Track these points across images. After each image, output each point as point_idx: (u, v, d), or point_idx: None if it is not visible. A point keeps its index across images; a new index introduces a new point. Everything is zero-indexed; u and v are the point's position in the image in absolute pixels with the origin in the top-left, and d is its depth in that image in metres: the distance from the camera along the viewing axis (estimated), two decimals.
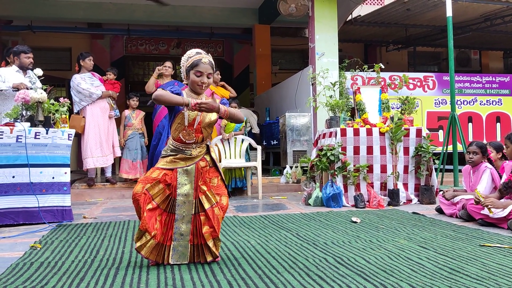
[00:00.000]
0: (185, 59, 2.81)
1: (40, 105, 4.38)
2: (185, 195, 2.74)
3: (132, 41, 12.52)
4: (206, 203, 2.76)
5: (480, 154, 4.35)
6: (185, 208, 2.74)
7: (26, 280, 2.45)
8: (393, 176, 5.36)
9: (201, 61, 2.72)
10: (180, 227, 2.73)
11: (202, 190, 2.77)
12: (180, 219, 2.74)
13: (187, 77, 2.79)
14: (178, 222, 2.74)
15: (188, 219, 2.74)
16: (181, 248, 2.73)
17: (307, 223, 4.16)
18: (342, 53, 10.10)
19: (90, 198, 6.24)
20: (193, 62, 2.73)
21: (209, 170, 2.83)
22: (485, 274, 2.42)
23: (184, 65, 2.81)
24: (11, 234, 3.82)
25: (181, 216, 2.74)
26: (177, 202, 2.73)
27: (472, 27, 10.23)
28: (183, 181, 2.74)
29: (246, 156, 6.46)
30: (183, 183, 2.74)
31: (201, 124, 2.76)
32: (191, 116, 2.73)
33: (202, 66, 2.72)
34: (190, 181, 2.75)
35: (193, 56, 2.76)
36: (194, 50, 2.81)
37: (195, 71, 2.73)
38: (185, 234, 2.73)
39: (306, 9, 7.39)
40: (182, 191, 2.74)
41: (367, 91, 5.85)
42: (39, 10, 9.60)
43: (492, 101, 8.64)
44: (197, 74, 2.73)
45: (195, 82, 2.74)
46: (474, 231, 3.65)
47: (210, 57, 2.80)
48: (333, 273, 2.48)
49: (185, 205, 2.74)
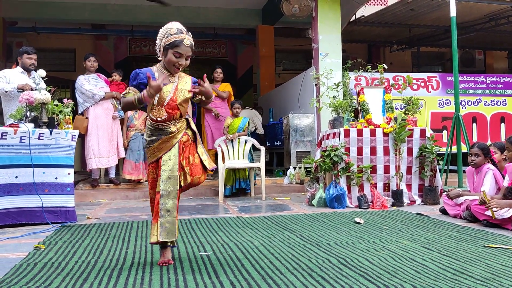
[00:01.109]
0: (164, 33, 2.70)
1: (44, 106, 4.40)
2: (170, 170, 2.70)
3: (136, 42, 12.56)
4: (182, 180, 2.76)
5: (482, 156, 4.32)
6: (170, 184, 2.69)
7: (29, 280, 2.46)
8: (396, 177, 5.34)
9: (182, 42, 2.63)
10: (166, 203, 2.68)
11: (181, 166, 2.76)
12: (166, 195, 2.69)
13: (163, 54, 2.71)
14: (164, 198, 2.68)
15: (174, 195, 2.69)
16: (168, 224, 2.68)
17: (311, 224, 4.16)
18: (346, 53, 10.09)
19: (93, 199, 6.26)
20: (174, 42, 2.63)
21: (190, 145, 2.81)
22: (489, 275, 2.41)
23: (161, 39, 2.71)
24: (15, 234, 3.83)
25: (166, 192, 2.69)
26: (161, 179, 2.69)
27: (476, 27, 10.20)
28: (166, 158, 2.72)
29: (250, 156, 6.46)
30: (167, 159, 2.72)
31: (176, 101, 2.74)
32: (163, 94, 2.70)
33: (183, 48, 2.65)
34: (174, 157, 2.73)
35: (175, 34, 2.65)
36: (175, 26, 2.70)
37: (174, 51, 2.65)
38: (172, 210, 2.68)
39: (309, 9, 7.39)
40: (167, 167, 2.70)
41: (370, 92, 5.84)
42: (43, 12, 9.65)
43: (496, 101, 8.60)
44: (176, 55, 2.66)
45: (172, 62, 2.68)
46: (478, 232, 3.63)
47: (191, 37, 2.70)
48: (336, 274, 2.48)
49: (170, 180, 2.69)
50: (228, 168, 6.18)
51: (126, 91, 2.73)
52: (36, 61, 5.25)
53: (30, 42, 10.81)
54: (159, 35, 2.74)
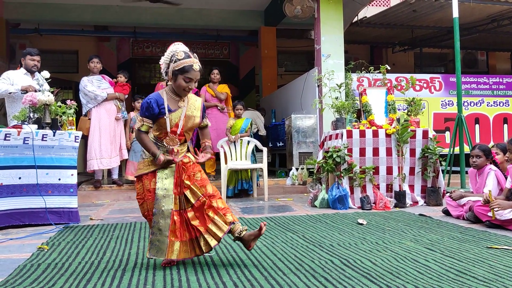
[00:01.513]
0: (170, 57, 2.71)
1: (47, 108, 4.41)
2: (165, 189, 2.69)
3: (139, 43, 12.60)
4: (191, 197, 2.74)
5: (484, 157, 4.32)
6: (164, 203, 2.68)
7: (33, 281, 2.47)
8: (399, 178, 5.34)
9: (192, 67, 2.66)
10: (158, 221, 2.67)
11: (186, 185, 2.74)
12: (158, 213, 2.67)
13: (172, 78, 2.72)
14: (156, 216, 2.67)
15: (167, 214, 2.67)
16: (158, 243, 2.66)
17: (313, 225, 4.16)
18: (348, 54, 10.08)
19: (96, 200, 6.27)
20: (184, 67, 2.65)
21: (192, 165, 2.81)
22: (492, 276, 2.41)
23: (167, 63, 2.72)
24: (18, 235, 3.84)
25: (159, 211, 2.67)
26: (156, 196, 2.68)
27: (479, 28, 10.18)
28: (163, 175, 2.72)
29: (252, 157, 6.47)
30: (163, 177, 2.71)
31: (184, 128, 2.76)
32: (173, 121, 2.72)
33: (193, 73, 2.67)
34: (170, 176, 2.73)
35: (183, 59, 2.67)
36: (180, 49, 2.71)
37: (184, 76, 2.67)
38: (163, 230, 2.66)
39: (311, 11, 7.39)
40: (161, 185, 2.70)
41: (373, 93, 5.84)
42: (46, 13, 9.68)
43: (499, 102, 8.58)
44: (186, 80, 2.68)
45: (182, 87, 2.69)
46: (481, 233, 3.63)
47: (197, 59, 2.72)
48: (339, 275, 2.48)
49: (164, 199, 2.68)
50: (231, 169, 6.19)
51: (140, 123, 2.71)
52: (39, 63, 5.26)
53: (33, 44, 10.85)
54: (165, 58, 2.74)
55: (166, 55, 2.74)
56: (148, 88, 12.54)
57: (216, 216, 2.72)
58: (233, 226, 2.74)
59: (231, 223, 2.72)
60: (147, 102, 2.70)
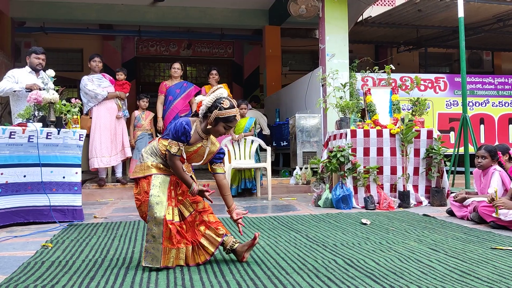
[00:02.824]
0: (214, 101, 2.71)
1: (52, 106, 4.43)
2: (158, 196, 2.68)
3: (143, 42, 12.61)
4: (185, 211, 2.80)
5: (489, 158, 4.30)
6: (157, 210, 2.65)
7: (37, 279, 2.48)
8: (403, 178, 5.33)
9: (235, 118, 2.74)
10: (152, 228, 2.65)
11: (179, 200, 2.80)
12: (151, 220, 2.65)
13: (212, 123, 2.72)
14: (150, 223, 2.66)
15: (159, 221, 2.64)
16: (153, 251, 2.64)
17: (317, 224, 4.15)
18: (353, 54, 10.06)
19: (100, 198, 6.29)
20: (229, 118, 2.71)
21: None
22: (496, 277, 2.40)
23: (209, 107, 2.72)
24: (23, 233, 3.86)
25: (152, 218, 2.65)
26: (149, 203, 2.67)
27: (484, 28, 10.13)
28: (156, 182, 2.72)
29: (256, 157, 6.47)
30: (157, 185, 2.72)
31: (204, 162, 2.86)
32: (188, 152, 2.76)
33: (234, 123, 2.78)
34: (164, 185, 2.74)
35: (228, 109, 2.69)
36: (224, 97, 2.73)
37: (226, 125, 2.74)
38: (157, 237, 2.64)
39: (316, 10, 7.38)
40: (155, 192, 2.69)
41: (377, 92, 5.82)
42: (51, 12, 9.72)
43: (504, 102, 8.55)
44: (227, 128, 2.76)
45: (221, 133, 2.77)
46: (486, 233, 3.61)
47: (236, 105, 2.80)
48: (342, 275, 2.48)
49: (157, 206, 2.66)
50: (234, 168, 6.19)
51: (176, 148, 2.69)
52: (44, 61, 5.27)
53: (38, 42, 10.89)
54: (207, 101, 2.72)
55: (209, 98, 2.73)
56: (152, 86, 12.57)
57: (207, 230, 2.79)
58: (225, 239, 2.80)
59: (223, 235, 2.78)
60: (184, 128, 2.69)
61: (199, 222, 2.81)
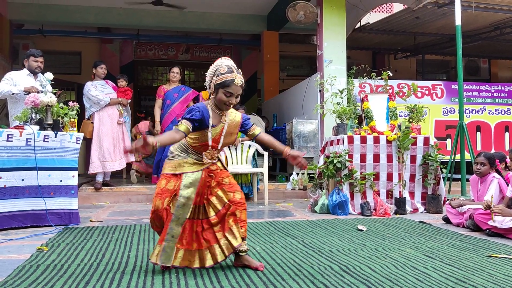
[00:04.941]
0: (214, 71, 2.70)
1: (50, 109, 4.42)
2: (187, 198, 2.68)
3: (142, 46, 12.61)
4: (217, 204, 2.74)
5: (488, 165, 4.31)
6: (182, 210, 2.68)
7: (32, 282, 2.47)
8: (399, 185, 5.34)
9: (233, 82, 2.64)
10: (173, 228, 2.66)
11: (213, 192, 2.75)
12: (175, 220, 2.67)
13: (214, 92, 2.70)
14: (173, 223, 2.67)
15: (181, 222, 2.67)
16: (169, 250, 2.66)
17: (313, 230, 4.15)
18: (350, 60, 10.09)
19: (96, 201, 6.27)
20: (225, 81, 2.64)
21: (220, 171, 2.83)
22: (492, 285, 2.41)
23: (212, 77, 2.70)
24: (18, 236, 3.84)
25: (176, 218, 2.67)
26: (177, 203, 2.67)
27: (482, 36, 10.19)
28: (187, 183, 2.70)
29: (253, 162, 6.47)
30: (187, 186, 2.70)
31: (223, 144, 2.80)
32: (214, 136, 2.72)
33: (234, 88, 2.64)
34: (194, 185, 2.72)
35: (225, 73, 2.65)
36: (225, 64, 2.69)
37: (225, 90, 2.64)
38: (175, 236, 2.66)
39: (314, 16, 7.41)
40: (184, 193, 2.68)
41: (374, 99, 5.85)
42: (50, 14, 9.73)
43: (501, 110, 8.58)
44: (227, 94, 2.65)
45: (223, 101, 2.67)
46: (481, 241, 3.62)
47: (241, 75, 2.70)
48: (338, 281, 2.48)
49: (184, 207, 2.68)
50: (231, 173, 6.17)
51: (181, 124, 2.65)
52: (43, 64, 5.28)
53: (36, 45, 10.87)
54: (209, 72, 2.73)
55: (211, 68, 2.74)
56: (150, 90, 12.58)
57: (234, 226, 2.73)
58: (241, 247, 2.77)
59: (243, 239, 2.74)
60: (193, 108, 2.69)
61: (230, 212, 2.74)
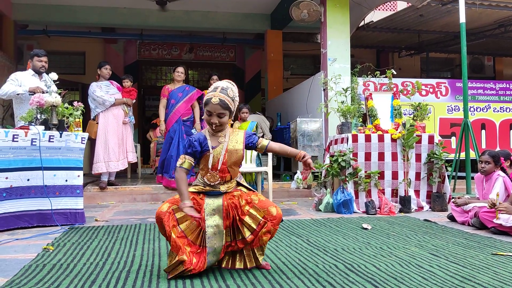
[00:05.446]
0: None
1: (55, 109, 4.44)
2: (216, 226, 2.60)
3: (145, 45, 12.64)
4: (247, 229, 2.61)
5: (493, 163, 4.29)
6: (216, 240, 2.60)
7: (38, 281, 2.48)
8: (404, 183, 5.33)
9: (211, 100, 2.56)
10: (211, 260, 2.60)
11: (245, 211, 2.62)
12: (211, 252, 2.60)
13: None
14: (210, 255, 2.60)
15: (219, 251, 2.61)
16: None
17: (318, 229, 4.15)
18: (354, 58, 10.09)
19: (102, 201, 6.30)
20: (206, 101, 2.59)
21: (244, 193, 2.70)
22: (497, 283, 2.40)
23: None
24: (24, 236, 3.86)
25: (212, 249, 2.60)
26: (207, 235, 2.59)
27: (486, 33, 10.16)
28: (210, 211, 2.62)
29: (257, 161, 6.47)
30: (211, 213, 2.61)
31: (226, 164, 2.64)
32: (215, 157, 2.62)
33: (211, 106, 2.56)
34: (218, 211, 2.63)
35: (209, 92, 2.61)
36: (217, 84, 2.66)
37: (206, 110, 2.60)
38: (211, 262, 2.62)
39: (318, 14, 7.40)
40: (211, 222, 2.60)
41: (379, 97, 5.84)
42: (54, 15, 9.77)
43: (506, 108, 8.55)
44: (208, 113, 2.59)
45: (207, 121, 2.63)
46: (486, 239, 3.61)
47: (227, 92, 2.60)
48: (343, 280, 2.48)
49: (216, 236, 2.60)
50: None
51: (182, 160, 2.63)
52: (47, 64, 5.30)
53: (41, 45, 10.92)
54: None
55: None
56: (154, 90, 12.61)
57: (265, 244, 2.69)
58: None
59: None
60: (189, 140, 2.65)
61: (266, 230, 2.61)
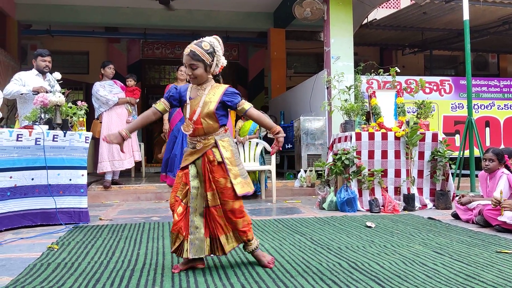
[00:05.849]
0: None
1: (58, 108, 4.46)
2: (196, 188, 2.70)
3: (149, 45, 12.65)
4: (211, 200, 2.70)
5: (497, 161, 4.28)
6: (198, 201, 2.69)
7: (43, 280, 2.49)
8: (408, 181, 5.32)
9: (184, 53, 2.71)
10: (194, 220, 2.67)
11: (211, 187, 2.70)
12: (193, 212, 2.68)
13: None
14: (192, 215, 2.68)
15: (200, 212, 2.69)
16: (197, 241, 2.65)
17: (321, 227, 4.15)
18: (358, 56, 10.05)
19: (106, 200, 6.31)
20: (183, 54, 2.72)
21: (216, 168, 2.69)
22: (501, 281, 2.40)
23: None
24: (29, 235, 3.88)
25: (194, 209, 2.68)
26: (191, 195, 2.69)
27: (490, 31, 10.11)
28: (193, 173, 2.72)
29: (261, 159, 6.48)
30: (194, 176, 2.72)
31: (201, 115, 2.68)
32: (192, 108, 2.71)
33: (184, 58, 2.70)
34: (198, 174, 2.73)
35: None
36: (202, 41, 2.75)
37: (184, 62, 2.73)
38: (199, 227, 2.67)
39: (321, 13, 7.39)
40: (194, 184, 2.70)
41: (382, 95, 5.83)
42: (58, 15, 9.79)
43: (510, 105, 8.52)
44: (185, 65, 2.73)
45: (188, 74, 2.74)
46: (491, 237, 3.60)
47: (201, 45, 2.67)
48: (347, 278, 2.48)
49: (197, 198, 2.70)
50: None
51: (159, 102, 2.77)
52: (51, 63, 5.33)
53: (44, 45, 10.95)
54: None
55: None
56: (157, 89, 12.62)
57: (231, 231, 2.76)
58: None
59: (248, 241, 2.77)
60: (171, 87, 2.81)
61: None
